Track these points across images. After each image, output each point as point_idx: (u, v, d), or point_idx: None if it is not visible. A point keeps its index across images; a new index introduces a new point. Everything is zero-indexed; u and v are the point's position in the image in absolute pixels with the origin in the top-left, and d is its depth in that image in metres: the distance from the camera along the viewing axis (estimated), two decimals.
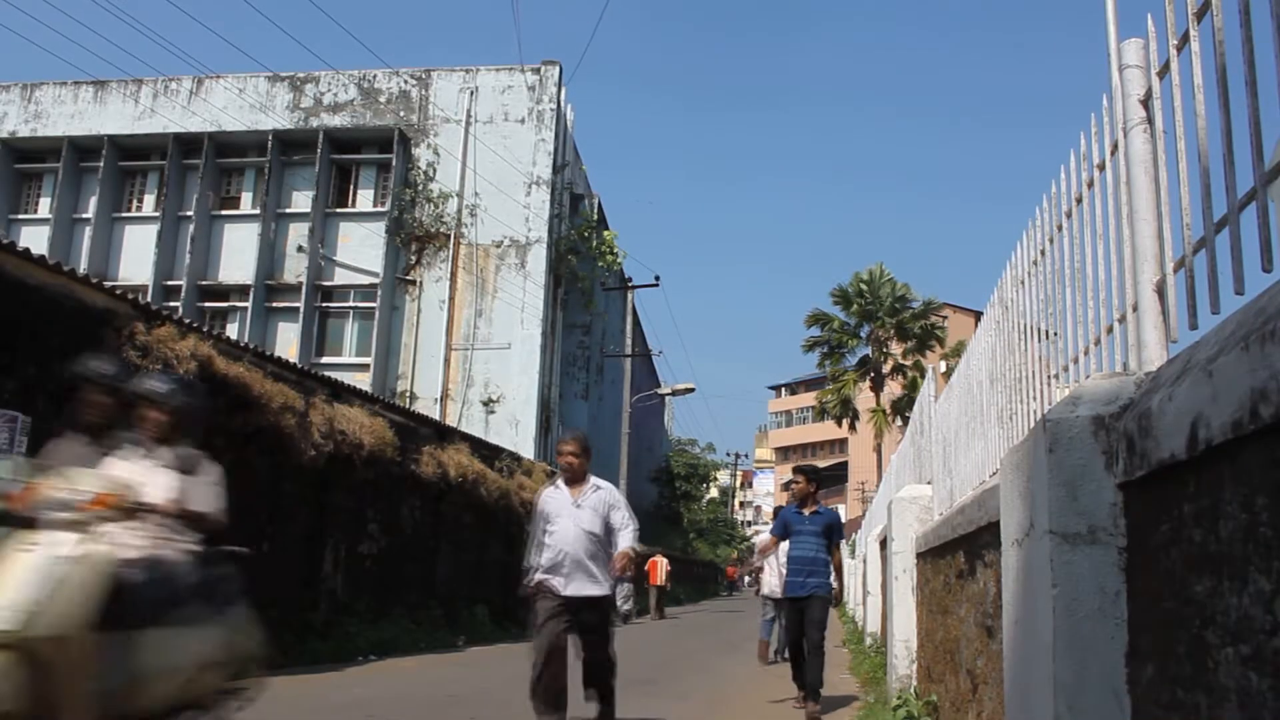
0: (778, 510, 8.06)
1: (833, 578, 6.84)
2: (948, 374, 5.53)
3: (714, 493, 64.75)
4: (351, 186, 23.40)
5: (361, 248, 22.34)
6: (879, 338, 32.83)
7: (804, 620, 6.68)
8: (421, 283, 22.41)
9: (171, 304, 20.03)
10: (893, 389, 32.45)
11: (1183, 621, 1.54)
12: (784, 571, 7.19)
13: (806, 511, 6.90)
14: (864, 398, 33.23)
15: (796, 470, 7.19)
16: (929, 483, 6.07)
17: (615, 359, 27.82)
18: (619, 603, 22.99)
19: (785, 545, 7.10)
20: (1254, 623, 1.27)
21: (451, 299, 22.15)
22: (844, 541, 6.54)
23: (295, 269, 22.33)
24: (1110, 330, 2.33)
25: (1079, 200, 2.56)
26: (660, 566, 23.14)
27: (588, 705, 5.23)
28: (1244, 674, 1.30)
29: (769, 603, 10.33)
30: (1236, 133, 1.62)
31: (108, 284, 7.83)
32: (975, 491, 3.90)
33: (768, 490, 75.89)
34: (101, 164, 23.04)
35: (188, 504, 3.49)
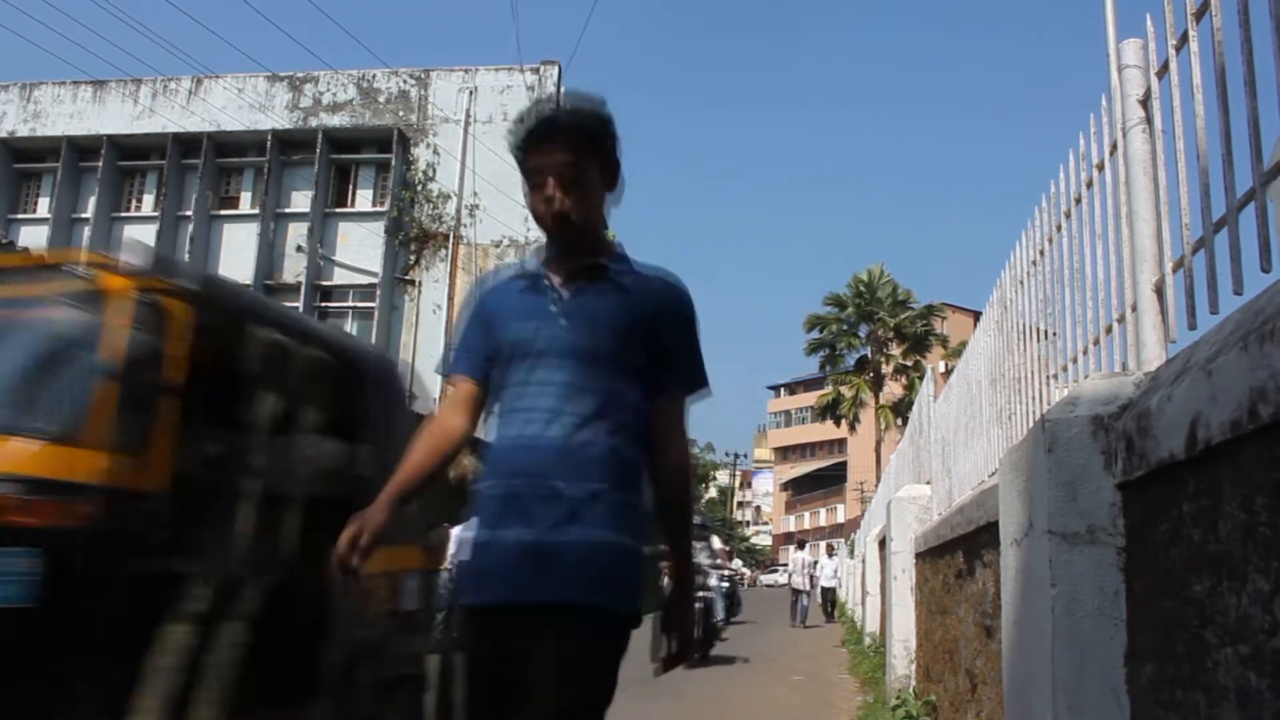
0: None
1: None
2: (948, 374, 5.53)
3: (713, 492, 64.69)
4: (351, 186, 23.41)
5: (361, 248, 22.34)
6: (879, 337, 32.83)
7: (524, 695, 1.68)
8: (421, 283, 22.42)
9: None
10: (893, 389, 32.44)
11: (1182, 621, 1.54)
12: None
13: (557, 278, 1.96)
14: (864, 397, 33.26)
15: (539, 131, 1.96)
16: (928, 483, 6.07)
17: None
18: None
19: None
20: (1253, 623, 1.27)
21: (451, 299, 22.15)
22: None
23: (294, 269, 22.34)
24: (1109, 330, 2.33)
25: (1078, 200, 2.56)
26: None
27: None
28: (1243, 674, 1.30)
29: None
30: (1235, 133, 1.62)
31: None
32: (974, 491, 3.90)
33: (766, 490, 75.79)
34: (100, 164, 23.02)
35: None
